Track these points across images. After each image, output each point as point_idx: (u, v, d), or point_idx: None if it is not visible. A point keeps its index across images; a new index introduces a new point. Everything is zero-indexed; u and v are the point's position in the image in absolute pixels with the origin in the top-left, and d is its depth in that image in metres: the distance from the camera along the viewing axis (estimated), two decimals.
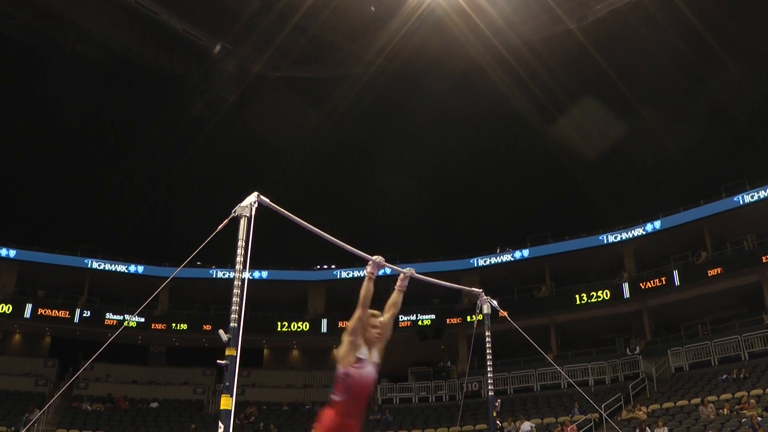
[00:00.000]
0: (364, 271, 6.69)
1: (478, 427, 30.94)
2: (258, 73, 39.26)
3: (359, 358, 6.07)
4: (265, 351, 42.74)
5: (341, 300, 41.77)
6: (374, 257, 6.93)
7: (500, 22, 34.74)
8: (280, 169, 42.11)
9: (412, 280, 7.25)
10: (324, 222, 6.87)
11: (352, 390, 5.97)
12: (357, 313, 6.22)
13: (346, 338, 6.15)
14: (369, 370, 6.10)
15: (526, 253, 40.09)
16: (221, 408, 5.40)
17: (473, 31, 35.25)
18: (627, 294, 36.35)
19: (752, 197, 33.99)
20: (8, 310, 37.25)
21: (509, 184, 46.07)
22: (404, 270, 7.24)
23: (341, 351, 6.10)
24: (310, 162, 43.91)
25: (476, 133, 43.36)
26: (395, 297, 6.89)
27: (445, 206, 48.62)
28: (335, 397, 6.00)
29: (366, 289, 6.40)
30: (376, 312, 6.45)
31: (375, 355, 6.22)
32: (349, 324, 6.24)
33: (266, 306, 40.38)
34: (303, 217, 6.74)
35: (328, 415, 5.94)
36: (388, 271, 6.74)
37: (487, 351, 9.42)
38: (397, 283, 7.05)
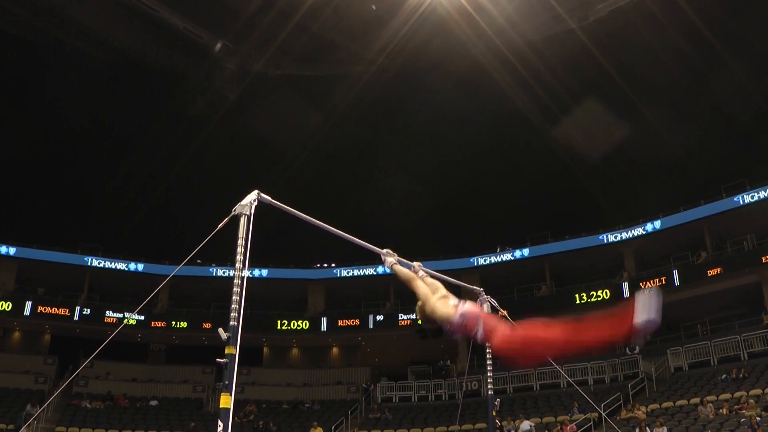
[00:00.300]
0: (365, 270, 6.87)
1: (477, 426, 30.94)
2: (259, 72, 39.24)
3: (454, 305, 6.18)
4: (265, 349, 42.72)
5: (341, 298, 41.86)
6: (383, 250, 7.12)
7: (501, 21, 34.71)
8: (280, 168, 42.10)
9: None
10: (325, 221, 6.88)
11: (478, 317, 6.05)
12: (415, 285, 6.47)
13: (429, 306, 6.31)
14: (468, 306, 6.16)
15: (526, 252, 40.12)
16: (221, 406, 5.42)
17: (474, 30, 35.23)
18: (627, 293, 36.31)
19: (752, 197, 34.03)
20: (8, 307, 37.28)
21: (509, 184, 46.05)
22: (413, 264, 7.34)
23: (438, 311, 6.23)
24: (311, 161, 43.88)
25: (477, 133, 43.32)
26: (429, 281, 6.92)
27: (446, 206, 48.59)
28: (476, 327, 6.02)
29: (401, 272, 6.78)
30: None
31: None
32: (420, 298, 6.39)
33: (266, 304, 40.36)
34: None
35: (489, 324, 5.96)
36: (388, 269, 6.84)
37: (487, 350, 9.44)
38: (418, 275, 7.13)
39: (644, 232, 37.41)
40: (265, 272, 40.60)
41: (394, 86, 40.33)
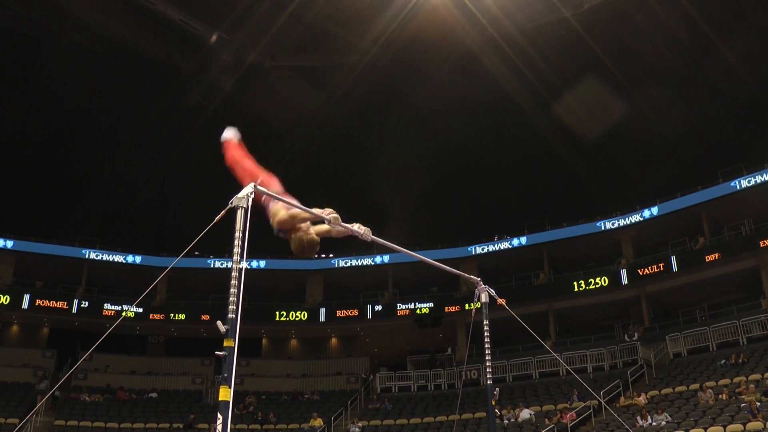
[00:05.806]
0: (363, 260, 6.83)
1: (477, 415, 30.95)
2: (254, 62, 39.19)
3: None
4: (264, 340, 42.73)
5: (339, 289, 41.83)
6: (354, 224, 7.19)
7: (495, 9, 34.70)
8: (276, 157, 41.98)
9: (412, 268, 7.31)
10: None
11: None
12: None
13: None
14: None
15: (524, 240, 40.07)
16: (220, 399, 5.37)
17: (468, 19, 35.19)
18: (625, 280, 36.34)
19: (749, 182, 33.95)
20: (6, 300, 37.23)
21: (506, 172, 46.01)
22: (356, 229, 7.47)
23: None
24: (306, 150, 43.80)
25: (472, 121, 43.29)
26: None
27: (443, 194, 48.54)
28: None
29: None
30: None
31: None
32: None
33: (264, 295, 40.38)
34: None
35: None
36: (386, 259, 6.82)
37: (486, 339, 9.41)
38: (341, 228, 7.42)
39: (641, 219, 37.34)
40: (263, 263, 40.51)
41: (387, 76, 40.29)
